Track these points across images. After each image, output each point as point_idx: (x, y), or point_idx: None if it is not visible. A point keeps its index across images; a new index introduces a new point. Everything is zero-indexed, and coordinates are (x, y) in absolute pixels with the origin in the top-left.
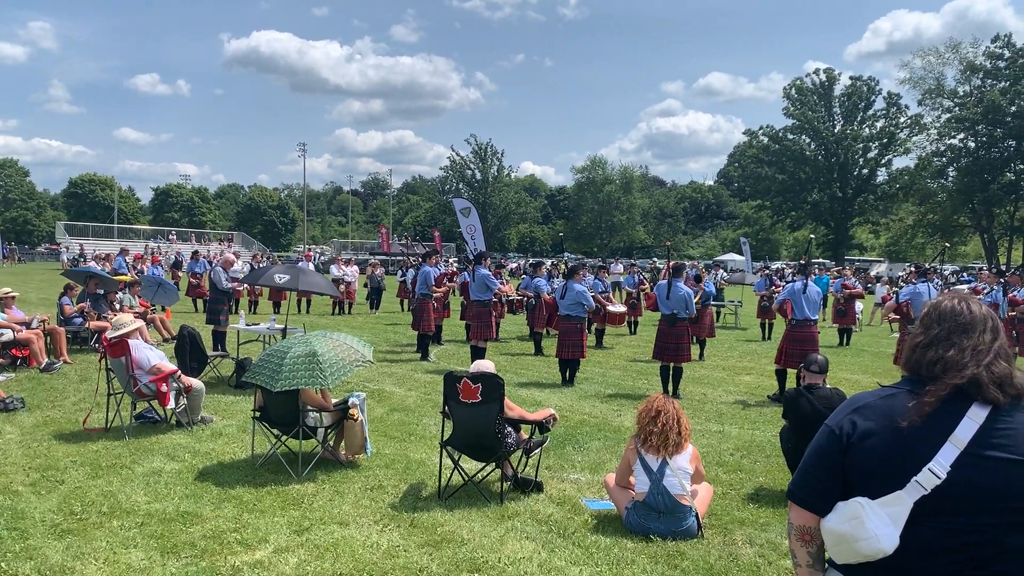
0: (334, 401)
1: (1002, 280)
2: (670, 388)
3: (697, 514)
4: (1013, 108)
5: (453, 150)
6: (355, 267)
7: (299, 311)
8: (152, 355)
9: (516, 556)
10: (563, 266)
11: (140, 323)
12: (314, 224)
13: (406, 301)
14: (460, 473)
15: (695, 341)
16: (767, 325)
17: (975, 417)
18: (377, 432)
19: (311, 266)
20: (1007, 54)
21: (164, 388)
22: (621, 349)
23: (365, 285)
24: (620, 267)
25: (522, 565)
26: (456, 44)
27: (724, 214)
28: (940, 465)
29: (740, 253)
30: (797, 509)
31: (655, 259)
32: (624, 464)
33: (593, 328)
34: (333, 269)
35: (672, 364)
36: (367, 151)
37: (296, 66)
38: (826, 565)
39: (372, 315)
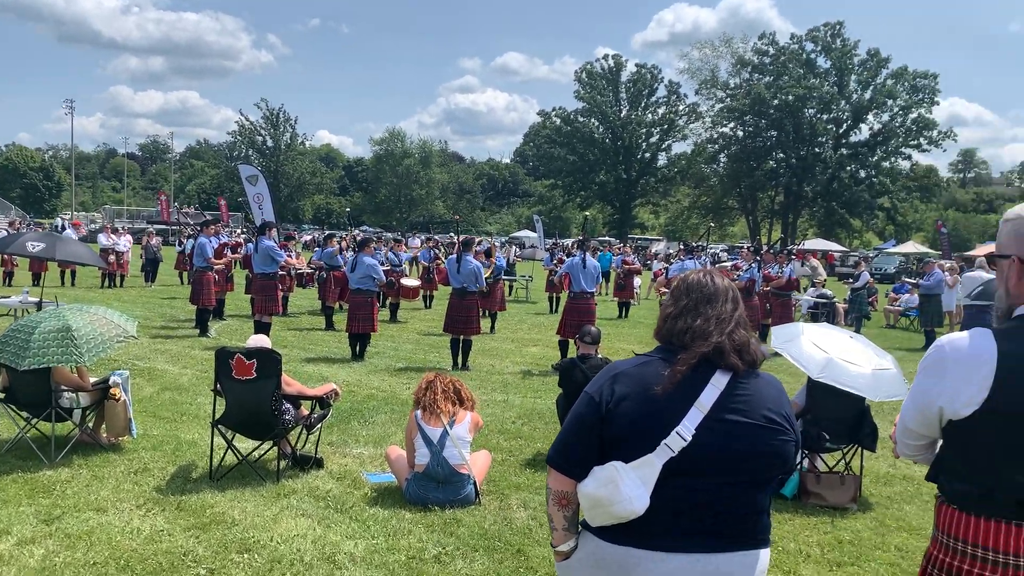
0: (93, 380)
1: (758, 258)
2: (459, 360)
3: (475, 482)
4: (775, 101)
5: (242, 114)
6: (128, 236)
7: (63, 283)
8: None
9: (290, 534)
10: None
11: None
12: (84, 189)
13: (185, 273)
14: (234, 452)
15: (486, 314)
16: (554, 299)
17: (717, 383)
18: (145, 412)
19: (75, 234)
20: (771, 51)
21: None
22: (415, 323)
23: (140, 256)
24: (417, 241)
25: (295, 543)
26: (246, 3)
27: (520, 192)
28: (686, 429)
29: (534, 230)
30: (556, 475)
31: (451, 234)
32: (407, 437)
33: (387, 302)
34: (101, 238)
35: (462, 336)
36: (146, 112)
37: (63, 14)
38: (579, 528)
39: (147, 288)
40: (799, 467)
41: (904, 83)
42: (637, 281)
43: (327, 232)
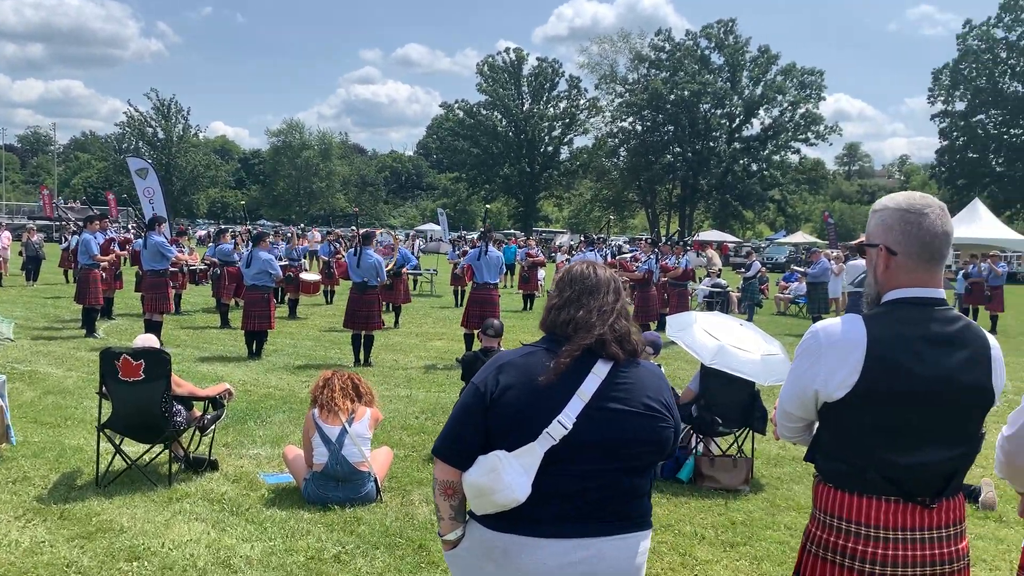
0: None
1: (656, 249)
2: (362, 356)
3: (376, 479)
4: (672, 96)
5: (131, 105)
6: (7, 233)
7: None
8: None
9: (182, 539)
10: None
11: None
12: None
13: (70, 271)
14: (122, 457)
15: (390, 308)
16: (459, 292)
17: (599, 372)
18: (26, 418)
19: None
20: (667, 47)
21: None
22: (316, 319)
23: (20, 253)
24: (317, 235)
25: (188, 548)
26: None
27: (424, 185)
28: (568, 417)
29: (439, 223)
30: (441, 464)
31: (353, 227)
32: (305, 436)
33: (286, 298)
34: None
35: (363, 332)
36: (25, 101)
37: None
38: (467, 517)
39: (29, 287)
40: (694, 451)
41: (792, 79)
42: (541, 273)
43: (219, 227)
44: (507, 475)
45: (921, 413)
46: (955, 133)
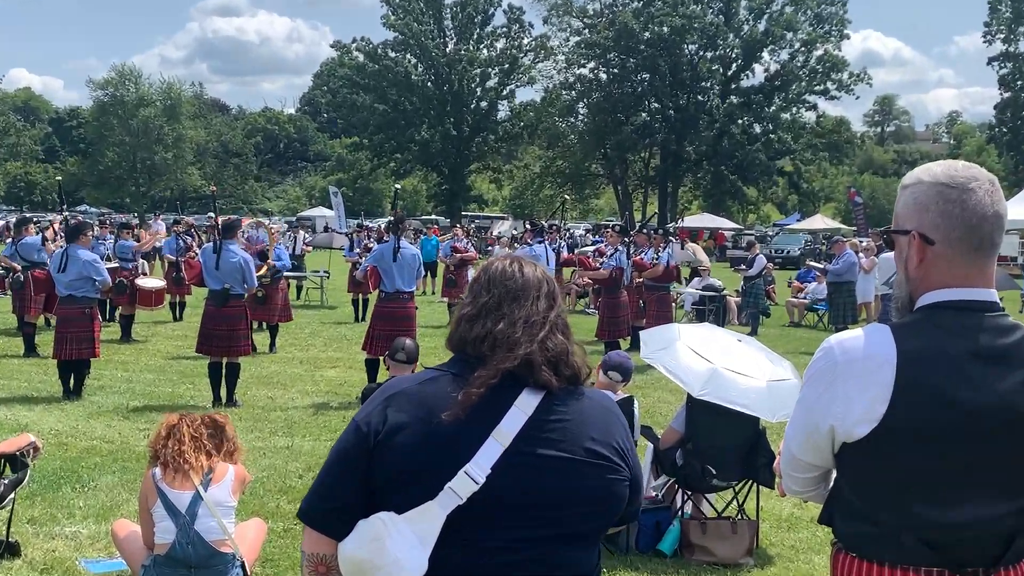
0: None
1: (627, 239)
2: (223, 393)
3: (243, 563)
4: (647, 35)
5: None
6: None
7: None
8: None
9: None
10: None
11: None
12: None
13: None
14: None
15: (263, 327)
16: (360, 302)
17: (524, 406)
18: None
19: None
20: None
21: None
22: (160, 342)
23: None
24: (162, 226)
25: None
26: None
27: (311, 155)
28: (479, 467)
29: (331, 207)
30: (311, 532)
31: (210, 214)
32: (142, 507)
33: (117, 313)
34: None
35: (225, 359)
36: None
37: None
38: None
39: None
40: (680, 514)
41: (806, 12)
42: (471, 273)
43: (21, 216)
44: (394, 547)
45: (969, 454)
46: (1020, 82)
